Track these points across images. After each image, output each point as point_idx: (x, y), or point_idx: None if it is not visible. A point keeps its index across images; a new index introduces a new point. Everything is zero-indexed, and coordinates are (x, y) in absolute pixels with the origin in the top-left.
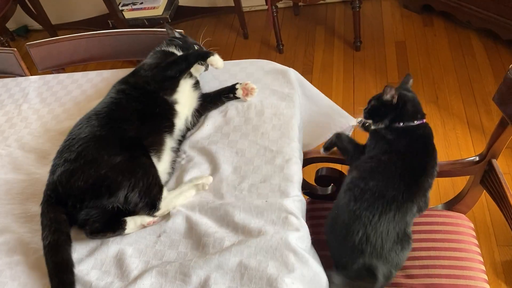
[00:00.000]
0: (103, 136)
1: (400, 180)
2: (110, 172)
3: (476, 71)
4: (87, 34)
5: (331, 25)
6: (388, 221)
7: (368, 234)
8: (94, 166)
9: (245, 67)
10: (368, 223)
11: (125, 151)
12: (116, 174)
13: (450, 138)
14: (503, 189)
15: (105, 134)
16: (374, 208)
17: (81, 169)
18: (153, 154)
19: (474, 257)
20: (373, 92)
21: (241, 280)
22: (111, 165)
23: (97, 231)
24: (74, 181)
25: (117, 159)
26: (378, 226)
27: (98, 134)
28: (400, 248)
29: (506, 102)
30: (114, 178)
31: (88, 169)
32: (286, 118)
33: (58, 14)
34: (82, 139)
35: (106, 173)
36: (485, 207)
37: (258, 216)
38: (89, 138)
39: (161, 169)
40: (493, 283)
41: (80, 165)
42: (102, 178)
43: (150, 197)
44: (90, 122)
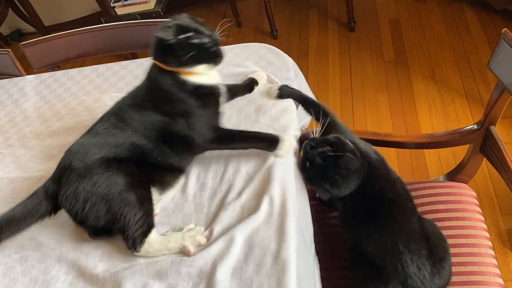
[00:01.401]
0: (116, 159)
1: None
2: (105, 194)
3: (472, 43)
4: (80, 30)
5: (324, 7)
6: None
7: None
8: (90, 183)
9: (238, 52)
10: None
11: (128, 175)
12: (106, 201)
13: (449, 112)
14: (502, 155)
15: (119, 157)
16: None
17: (77, 182)
18: (156, 188)
19: (478, 224)
20: (369, 73)
21: (246, 259)
22: (110, 188)
23: (99, 232)
24: (68, 193)
25: (117, 181)
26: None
27: (111, 158)
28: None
29: (501, 67)
30: (102, 206)
31: (84, 184)
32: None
33: (50, 15)
34: (96, 155)
35: (100, 193)
36: (487, 178)
37: (263, 197)
38: (100, 158)
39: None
40: (499, 251)
41: (79, 177)
42: (95, 198)
43: (134, 235)
44: (110, 146)
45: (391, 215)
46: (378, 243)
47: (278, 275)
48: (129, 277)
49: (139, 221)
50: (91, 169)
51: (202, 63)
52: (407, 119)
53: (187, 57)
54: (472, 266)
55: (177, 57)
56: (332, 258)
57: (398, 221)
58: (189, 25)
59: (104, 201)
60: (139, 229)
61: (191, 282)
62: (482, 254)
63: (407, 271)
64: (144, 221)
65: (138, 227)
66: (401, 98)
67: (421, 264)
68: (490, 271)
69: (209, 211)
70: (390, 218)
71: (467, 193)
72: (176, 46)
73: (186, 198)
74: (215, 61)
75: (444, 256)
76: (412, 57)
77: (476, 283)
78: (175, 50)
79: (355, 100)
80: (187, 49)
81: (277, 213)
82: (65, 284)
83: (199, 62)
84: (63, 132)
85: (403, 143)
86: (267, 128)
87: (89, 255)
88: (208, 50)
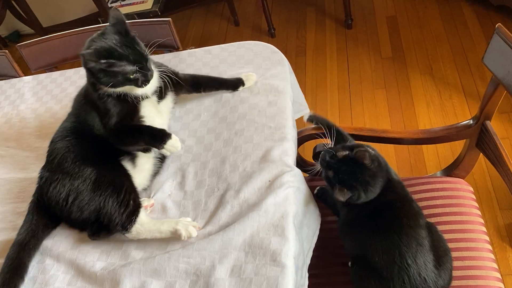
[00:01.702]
0: (75, 146)
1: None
2: (82, 185)
3: (469, 39)
4: (77, 30)
5: (321, 5)
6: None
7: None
8: (67, 177)
9: (234, 50)
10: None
11: (97, 162)
12: (85, 191)
13: (447, 108)
14: (498, 150)
15: (77, 144)
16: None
17: (57, 180)
18: (127, 160)
19: (475, 219)
20: (367, 70)
21: (245, 258)
22: (84, 178)
23: (98, 231)
24: (51, 190)
25: (89, 171)
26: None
27: (70, 145)
28: (442, 268)
29: (495, 61)
30: (84, 195)
31: (62, 179)
32: (280, 94)
33: (48, 16)
34: (58, 149)
35: (78, 186)
36: (485, 173)
37: (261, 194)
38: (63, 148)
39: (141, 176)
40: (498, 246)
41: (58, 176)
42: (74, 191)
43: (122, 217)
44: (64, 133)
45: (402, 228)
46: (387, 254)
47: (277, 276)
48: (127, 276)
49: (124, 202)
50: (62, 164)
51: (123, 86)
52: (405, 116)
53: (108, 85)
54: (470, 261)
55: (98, 79)
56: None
57: (409, 234)
58: (113, 50)
59: (84, 191)
60: (126, 209)
61: (188, 280)
62: (479, 248)
63: (414, 284)
64: (128, 201)
65: (124, 208)
66: (399, 95)
67: (428, 277)
68: (488, 266)
69: (207, 207)
70: (401, 231)
71: (464, 188)
72: (96, 70)
73: (183, 196)
74: (138, 85)
75: (447, 266)
76: (410, 54)
77: (474, 278)
78: (95, 73)
79: (353, 97)
80: (107, 76)
81: (278, 216)
82: (64, 283)
83: (121, 85)
84: None
85: (400, 139)
86: (263, 126)
87: (87, 254)
88: (130, 79)
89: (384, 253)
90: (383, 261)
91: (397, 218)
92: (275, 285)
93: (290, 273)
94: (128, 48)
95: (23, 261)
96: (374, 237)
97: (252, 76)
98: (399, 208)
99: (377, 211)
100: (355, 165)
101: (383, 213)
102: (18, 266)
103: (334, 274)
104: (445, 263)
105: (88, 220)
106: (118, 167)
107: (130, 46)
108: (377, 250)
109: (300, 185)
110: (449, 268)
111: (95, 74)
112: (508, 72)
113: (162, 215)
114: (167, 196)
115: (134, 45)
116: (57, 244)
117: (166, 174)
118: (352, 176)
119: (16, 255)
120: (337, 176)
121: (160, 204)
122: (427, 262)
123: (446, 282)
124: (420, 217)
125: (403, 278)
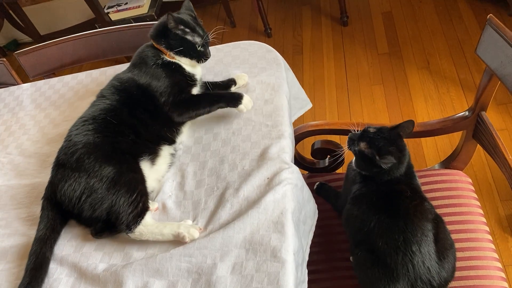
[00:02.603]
0: (97, 144)
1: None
2: (98, 184)
3: (465, 32)
4: (73, 36)
5: (317, 3)
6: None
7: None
8: (84, 175)
9: (229, 51)
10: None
11: (117, 162)
12: (99, 190)
13: (445, 101)
14: (494, 140)
15: (99, 141)
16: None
17: (73, 176)
18: (146, 159)
19: (475, 210)
20: (364, 66)
21: (246, 255)
22: (101, 177)
23: (101, 230)
24: (66, 188)
25: (108, 170)
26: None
27: (91, 141)
28: (446, 261)
29: (488, 52)
30: (99, 193)
31: (78, 177)
32: (276, 92)
33: (45, 24)
34: (78, 144)
35: (94, 184)
36: (485, 165)
37: (260, 192)
38: (83, 143)
39: (155, 176)
40: (499, 237)
41: (73, 172)
42: (89, 189)
43: (129, 217)
44: (86, 126)
45: (409, 216)
46: (391, 239)
47: (278, 272)
48: (130, 277)
49: (134, 203)
50: (82, 161)
51: (186, 56)
52: (403, 111)
53: (176, 48)
54: (470, 252)
55: (168, 42)
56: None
57: (415, 223)
58: (189, 22)
59: (99, 189)
60: (134, 210)
61: (190, 279)
62: (479, 239)
63: (418, 272)
64: (138, 203)
65: (133, 208)
66: (396, 90)
67: (432, 267)
68: (488, 256)
69: (207, 207)
70: (407, 218)
71: (463, 179)
72: (172, 34)
73: (183, 196)
74: (199, 59)
75: (450, 259)
76: (406, 49)
77: (475, 268)
78: (170, 37)
79: (351, 93)
80: (179, 41)
81: (277, 213)
82: (67, 286)
83: (184, 55)
84: (59, 140)
85: None
86: (260, 125)
87: (90, 256)
88: (196, 49)
89: (388, 237)
90: (387, 246)
91: (406, 207)
92: (276, 280)
93: (291, 268)
94: (197, 25)
95: (46, 255)
96: (380, 219)
97: (244, 76)
98: (410, 198)
99: (389, 195)
100: (390, 134)
101: (394, 199)
102: (42, 261)
103: (336, 269)
104: (449, 256)
105: (98, 218)
106: (136, 168)
107: (198, 25)
108: (381, 234)
109: (298, 182)
110: (452, 261)
111: (169, 37)
112: (501, 63)
113: (163, 215)
114: (168, 197)
115: (201, 26)
116: (60, 248)
117: (166, 175)
118: (389, 142)
119: (40, 251)
120: (374, 144)
121: (161, 204)
122: (431, 252)
123: (449, 275)
124: (429, 214)
125: (407, 266)
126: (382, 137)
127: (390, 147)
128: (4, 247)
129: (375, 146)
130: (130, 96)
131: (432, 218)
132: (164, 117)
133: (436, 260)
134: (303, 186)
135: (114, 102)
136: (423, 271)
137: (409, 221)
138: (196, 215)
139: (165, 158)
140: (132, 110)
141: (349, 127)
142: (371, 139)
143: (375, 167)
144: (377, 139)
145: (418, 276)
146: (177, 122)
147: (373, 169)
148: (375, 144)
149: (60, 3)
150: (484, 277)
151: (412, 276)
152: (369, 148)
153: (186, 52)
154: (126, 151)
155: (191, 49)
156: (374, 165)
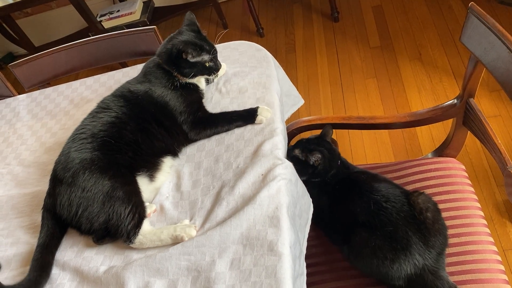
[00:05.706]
0: (94, 159)
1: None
2: (93, 199)
3: (455, 22)
4: (66, 46)
5: (307, 1)
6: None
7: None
8: (79, 190)
9: (220, 51)
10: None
11: (112, 176)
12: (95, 204)
13: (438, 91)
14: (483, 126)
15: (96, 157)
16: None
17: (69, 192)
18: (144, 175)
19: (469, 196)
20: (357, 61)
21: (243, 251)
22: (96, 191)
23: (102, 237)
24: (63, 203)
25: (103, 185)
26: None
27: (88, 158)
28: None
29: (472, 40)
30: (94, 207)
31: (74, 192)
32: (267, 90)
33: (39, 36)
34: (75, 159)
35: (89, 199)
36: (480, 152)
37: (255, 188)
38: (80, 159)
39: (152, 189)
40: (498, 222)
41: (69, 187)
42: (85, 204)
43: (127, 229)
44: (84, 145)
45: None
46: (366, 213)
47: (275, 265)
48: (131, 278)
49: (130, 215)
50: (77, 176)
51: (198, 75)
52: (397, 103)
53: (190, 75)
54: (466, 237)
55: (180, 70)
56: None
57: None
58: (196, 43)
59: (94, 204)
60: (131, 222)
61: (190, 276)
62: (474, 224)
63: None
64: (134, 214)
65: (130, 220)
66: (390, 83)
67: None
68: (484, 240)
69: (203, 206)
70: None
71: (456, 166)
72: (183, 60)
73: (180, 197)
74: (209, 74)
75: (436, 218)
76: (398, 41)
77: (471, 252)
78: (181, 64)
79: (345, 88)
80: (190, 66)
81: (272, 208)
82: None
83: (196, 76)
84: (57, 148)
85: (389, 124)
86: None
87: (91, 260)
88: (206, 67)
89: (363, 213)
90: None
91: (361, 186)
92: (273, 273)
93: (287, 261)
94: (203, 41)
95: (47, 260)
96: (354, 201)
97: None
98: (363, 179)
99: (344, 182)
100: (317, 140)
101: (348, 185)
102: (43, 265)
103: (335, 261)
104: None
105: (97, 230)
106: (130, 181)
107: (204, 40)
108: (359, 212)
109: (291, 177)
110: (438, 220)
111: (180, 65)
112: (484, 49)
113: (161, 217)
114: (165, 198)
115: (207, 40)
116: (62, 254)
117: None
118: (317, 145)
119: (40, 255)
120: (306, 148)
121: (158, 206)
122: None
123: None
124: (374, 180)
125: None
126: (312, 143)
127: (318, 148)
128: (7, 256)
129: (307, 149)
130: (143, 111)
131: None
132: (179, 133)
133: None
134: (297, 181)
135: (121, 114)
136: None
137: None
138: (193, 214)
139: (164, 172)
140: (141, 124)
141: (342, 121)
142: (303, 146)
143: (309, 167)
144: (307, 144)
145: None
146: (191, 139)
147: (308, 170)
148: (307, 148)
149: (53, 14)
150: (481, 261)
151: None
152: (302, 152)
153: (198, 73)
154: (122, 166)
155: (202, 69)
156: (308, 166)
